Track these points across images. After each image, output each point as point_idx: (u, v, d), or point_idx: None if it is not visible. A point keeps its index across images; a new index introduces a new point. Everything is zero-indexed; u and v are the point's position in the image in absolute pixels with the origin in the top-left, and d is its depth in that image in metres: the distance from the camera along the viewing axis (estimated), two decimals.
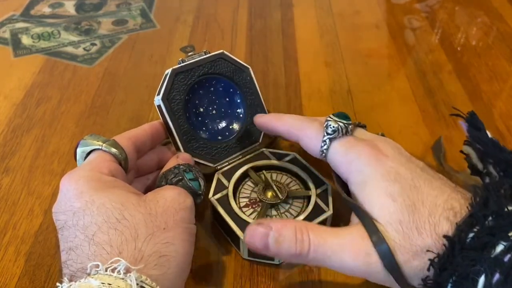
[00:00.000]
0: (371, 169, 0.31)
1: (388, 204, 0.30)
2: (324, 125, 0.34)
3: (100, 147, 0.35)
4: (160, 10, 0.72)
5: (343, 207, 0.41)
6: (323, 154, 0.34)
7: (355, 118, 0.51)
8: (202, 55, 0.41)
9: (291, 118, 0.38)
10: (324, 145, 0.34)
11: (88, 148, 0.35)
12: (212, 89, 0.43)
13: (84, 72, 0.58)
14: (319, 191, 0.39)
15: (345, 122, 0.34)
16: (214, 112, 0.44)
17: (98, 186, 0.31)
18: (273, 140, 0.47)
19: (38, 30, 0.67)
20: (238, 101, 0.44)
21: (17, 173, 0.45)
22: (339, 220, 0.39)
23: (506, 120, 0.50)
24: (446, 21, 0.69)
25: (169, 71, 0.39)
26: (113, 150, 0.35)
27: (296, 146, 0.47)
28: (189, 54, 0.42)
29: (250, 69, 0.43)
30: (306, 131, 0.36)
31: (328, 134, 0.34)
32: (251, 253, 0.36)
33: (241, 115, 0.44)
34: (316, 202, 0.38)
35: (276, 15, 0.70)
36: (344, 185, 0.35)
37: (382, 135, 0.38)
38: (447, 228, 0.28)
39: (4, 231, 0.39)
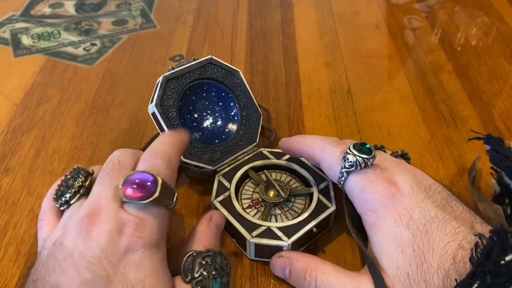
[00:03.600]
0: (384, 211, 0.31)
1: (396, 256, 0.29)
2: (342, 157, 0.33)
3: (171, 204, 0.31)
4: (160, 10, 0.72)
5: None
6: (340, 185, 0.34)
7: (355, 118, 0.51)
8: (191, 62, 0.42)
9: (313, 140, 0.37)
10: (342, 176, 0.33)
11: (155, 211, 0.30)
12: (204, 94, 0.43)
13: (84, 72, 0.58)
14: (320, 187, 0.39)
15: (364, 157, 0.32)
16: (208, 116, 0.44)
17: (158, 273, 0.28)
18: (272, 140, 0.47)
19: (38, 30, 0.67)
20: (232, 104, 0.44)
21: (17, 173, 0.45)
22: (342, 214, 0.40)
23: (506, 120, 0.50)
24: (446, 21, 0.69)
25: (160, 79, 0.40)
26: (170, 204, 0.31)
27: None
28: (178, 62, 0.43)
29: (240, 72, 0.44)
30: (327, 157, 0.35)
31: (345, 167, 0.33)
32: (258, 253, 0.36)
33: (235, 117, 0.44)
34: (319, 199, 0.38)
35: (276, 15, 0.70)
36: (356, 224, 0.34)
37: (403, 153, 0.38)
38: (455, 282, 0.27)
39: (4, 231, 0.40)
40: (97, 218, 0.28)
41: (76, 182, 0.32)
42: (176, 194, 0.31)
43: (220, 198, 0.38)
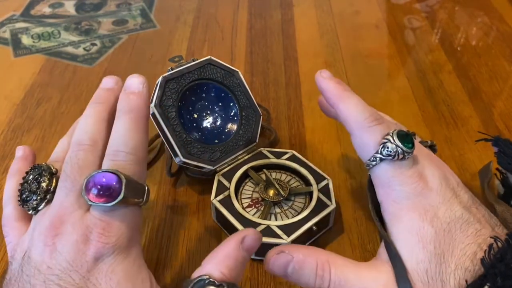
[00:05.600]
0: (409, 204, 0.30)
1: (417, 250, 0.29)
2: (381, 142, 0.30)
3: (140, 202, 0.29)
4: (160, 10, 0.72)
5: (345, 200, 0.41)
6: (369, 167, 0.32)
7: None
8: (191, 62, 0.42)
9: (356, 108, 0.32)
10: (373, 160, 0.31)
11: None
12: (204, 95, 0.43)
13: (84, 72, 0.58)
14: (320, 186, 0.39)
15: (405, 149, 0.30)
16: (208, 117, 0.44)
17: (132, 277, 0.27)
18: (272, 140, 0.47)
19: (38, 30, 0.67)
20: (231, 104, 0.44)
21: None
22: (343, 213, 0.40)
23: (506, 120, 0.50)
24: (446, 21, 0.69)
25: (159, 79, 0.40)
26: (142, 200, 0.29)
27: (294, 144, 0.47)
28: (178, 63, 0.43)
29: (239, 72, 0.44)
30: (362, 134, 0.31)
31: (381, 153, 0.30)
32: (258, 252, 0.36)
33: (235, 118, 0.44)
34: (318, 197, 0.38)
35: (276, 15, 0.70)
36: (378, 209, 0.33)
37: (432, 144, 0.37)
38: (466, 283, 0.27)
39: None
40: (61, 229, 0.27)
41: (41, 187, 0.29)
42: (146, 189, 0.29)
43: (220, 197, 0.38)
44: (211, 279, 0.26)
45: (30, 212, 0.30)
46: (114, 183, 0.27)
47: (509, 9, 0.71)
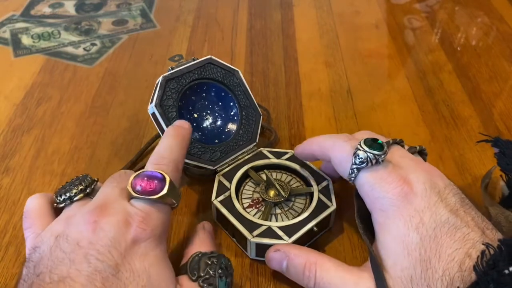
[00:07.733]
0: (394, 210, 0.30)
1: (402, 258, 0.29)
2: (353, 153, 0.32)
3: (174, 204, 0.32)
4: (160, 10, 0.72)
5: (345, 201, 0.41)
6: (351, 181, 0.33)
7: (355, 118, 0.51)
8: (191, 62, 0.42)
9: (324, 137, 0.37)
10: (352, 173, 0.32)
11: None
12: (204, 94, 0.44)
13: (84, 72, 0.58)
14: (320, 187, 0.39)
15: (375, 153, 0.31)
16: (208, 116, 0.44)
17: (162, 263, 0.30)
18: (272, 140, 0.47)
19: (38, 30, 0.67)
20: (231, 103, 0.44)
21: (17, 173, 0.45)
22: (343, 213, 0.40)
23: (506, 120, 0.50)
24: (446, 21, 0.69)
25: (160, 79, 0.40)
26: (174, 202, 0.32)
27: (294, 144, 0.47)
28: (178, 62, 0.43)
29: (239, 72, 0.44)
30: (337, 153, 0.34)
31: (355, 163, 0.32)
32: (259, 253, 0.36)
33: (235, 117, 0.44)
34: (319, 198, 0.38)
35: (276, 15, 0.70)
36: (364, 219, 0.34)
37: (421, 149, 0.37)
38: None
39: (4, 231, 0.40)
40: (106, 211, 0.29)
41: (83, 183, 0.33)
42: (180, 195, 0.33)
43: (221, 198, 0.38)
44: (202, 252, 0.32)
45: (62, 205, 0.32)
46: (159, 180, 0.31)
47: (509, 9, 0.71)
